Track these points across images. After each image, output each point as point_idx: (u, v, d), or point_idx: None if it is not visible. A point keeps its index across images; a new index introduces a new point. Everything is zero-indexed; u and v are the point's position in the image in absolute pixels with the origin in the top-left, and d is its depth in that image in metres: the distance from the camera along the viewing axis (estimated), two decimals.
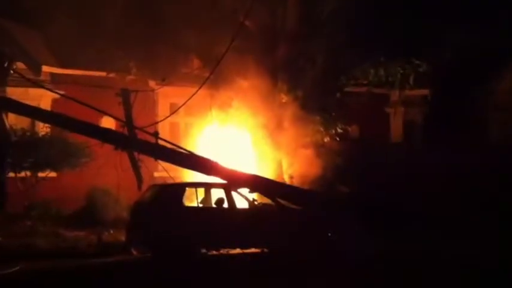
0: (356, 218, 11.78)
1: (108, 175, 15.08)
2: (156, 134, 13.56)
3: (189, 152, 13.35)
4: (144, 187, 13.47)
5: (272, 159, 16.26)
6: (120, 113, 13.96)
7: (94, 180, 15.94)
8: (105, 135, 13.18)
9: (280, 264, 11.24)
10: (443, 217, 11.94)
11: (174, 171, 14.80)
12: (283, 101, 16.61)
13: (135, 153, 13.64)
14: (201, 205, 12.75)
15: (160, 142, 13.50)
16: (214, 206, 12.69)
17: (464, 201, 12.58)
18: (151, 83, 17.67)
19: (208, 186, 13.02)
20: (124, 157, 13.68)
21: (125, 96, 14.04)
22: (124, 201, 15.46)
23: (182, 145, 14.03)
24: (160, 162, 14.13)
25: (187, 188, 12.78)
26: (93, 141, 13.76)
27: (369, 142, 18.34)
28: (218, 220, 12.29)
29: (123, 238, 13.19)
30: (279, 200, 12.77)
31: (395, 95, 20.19)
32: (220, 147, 15.99)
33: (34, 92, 15.98)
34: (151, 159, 13.82)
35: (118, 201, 15.65)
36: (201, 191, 13.01)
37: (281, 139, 16.23)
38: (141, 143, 13.25)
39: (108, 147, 13.38)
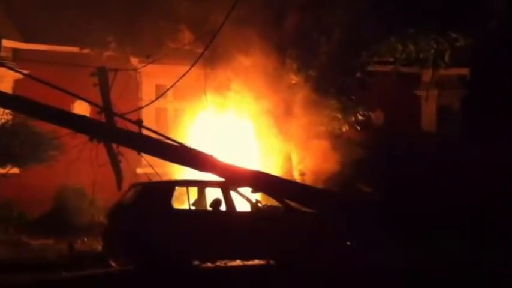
0: (381, 223, 11.58)
1: (82, 171, 14.85)
2: (139, 122, 13.36)
3: (179, 143, 13.04)
4: (125, 186, 13.26)
5: (279, 152, 15.99)
6: (97, 96, 13.73)
7: (64, 177, 15.68)
8: (77, 123, 12.88)
9: (289, 279, 11.03)
10: (486, 224, 12.06)
11: (161, 167, 14.45)
12: (293, 82, 16.33)
13: (114, 145, 13.47)
14: (193, 208, 12.52)
15: (145, 131, 13.27)
16: (209, 208, 12.48)
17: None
18: (134, 61, 17.34)
19: (202, 185, 12.84)
20: (101, 150, 13.41)
21: (102, 77, 13.81)
22: (100, 202, 15.35)
23: (171, 135, 13.73)
24: (145, 156, 13.85)
25: (176, 188, 12.58)
26: (63, 131, 13.46)
27: (396, 131, 17.96)
28: (214, 226, 12.06)
29: (99, 247, 13.02)
30: (288, 201, 12.50)
31: (427, 75, 19.79)
32: (217, 138, 15.75)
33: None
34: (134, 153, 13.53)
35: (93, 203, 15.48)
36: (193, 191, 12.78)
37: (290, 128, 15.99)
38: (121, 133, 12.99)
39: (82, 138, 13.10)
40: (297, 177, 15.80)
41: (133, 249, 11.68)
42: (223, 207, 12.39)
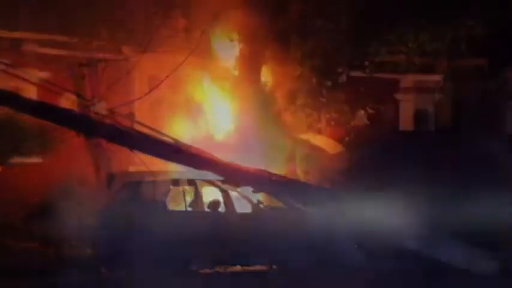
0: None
1: (73, 169, 14.78)
2: (131, 117, 13.47)
3: (174, 139, 12.94)
4: (118, 185, 13.16)
5: (282, 148, 15.94)
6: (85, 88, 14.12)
7: (52, 175, 15.53)
8: (61, 117, 12.55)
9: (293, 285, 11.17)
10: None
11: (156, 165, 14.03)
12: (297, 72, 16.33)
13: (104, 143, 13.61)
14: (190, 209, 12.60)
15: (139, 127, 13.10)
16: (207, 210, 12.60)
17: None
18: (125, 50, 17.37)
19: (199, 185, 12.79)
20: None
21: (91, 67, 14.14)
22: (91, 202, 14.90)
23: (165, 131, 13.57)
24: (139, 153, 13.37)
25: (171, 187, 12.66)
26: (51, 126, 13.47)
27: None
28: (212, 228, 12.11)
29: (89, 251, 13.07)
30: (292, 202, 12.58)
31: (441, 65, 20.27)
32: (215, 133, 15.98)
33: None
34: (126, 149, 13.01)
35: (82, 203, 15.00)
36: (190, 191, 12.88)
37: (294, 122, 16.17)
38: (109, 128, 12.75)
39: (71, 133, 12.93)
40: (301, 175, 15.67)
41: (124, 253, 11.65)
42: (221, 209, 12.48)
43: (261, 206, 12.92)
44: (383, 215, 11.96)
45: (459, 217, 12.62)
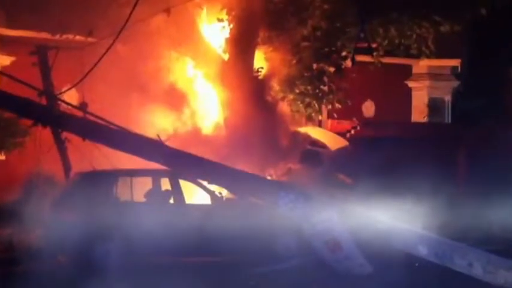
0: None
1: (40, 167, 15.08)
2: (83, 107, 13.81)
3: (123, 128, 13.23)
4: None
5: (278, 143, 16.15)
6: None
7: (16, 174, 15.86)
8: (17, 106, 13.01)
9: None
10: None
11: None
12: (296, 57, 16.76)
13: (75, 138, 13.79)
14: (144, 200, 13.27)
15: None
16: (157, 201, 13.21)
17: None
18: (79, 38, 17.45)
19: (154, 175, 13.42)
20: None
21: (42, 56, 14.31)
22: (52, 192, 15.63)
23: (122, 119, 13.81)
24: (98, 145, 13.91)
25: (120, 178, 13.33)
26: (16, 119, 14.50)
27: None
28: (161, 220, 12.44)
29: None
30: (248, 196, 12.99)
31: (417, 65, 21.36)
32: (202, 126, 16.24)
33: None
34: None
35: (44, 193, 15.41)
36: (143, 182, 13.49)
37: (292, 114, 16.85)
38: (62, 117, 13.28)
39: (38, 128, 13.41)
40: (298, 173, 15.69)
41: (75, 243, 12.14)
42: (172, 200, 13.12)
43: (218, 195, 13.35)
44: (392, 219, 11.98)
45: (481, 222, 12.97)
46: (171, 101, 16.55)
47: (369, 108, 21.24)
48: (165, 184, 13.41)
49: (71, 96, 15.12)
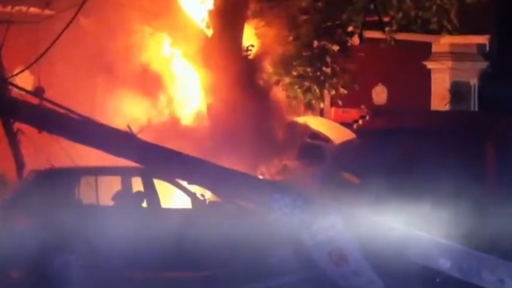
0: None
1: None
2: (39, 92, 13.91)
3: (85, 117, 13.04)
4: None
5: (272, 135, 16.15)
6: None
7: None
8: None
9: None
10: None
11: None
12: (293, 33, 17.00)
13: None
14: (112, 203, 13.24)
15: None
16: (127, 204, 13.21)
17: None
18: (33, 10, 17.53)
19: (123, 174, 13.41)
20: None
21: None
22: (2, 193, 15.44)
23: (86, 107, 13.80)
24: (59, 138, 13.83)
25: (83, 177, 13.40)
26: None
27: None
28: (132, 227, 12.42)
29: None
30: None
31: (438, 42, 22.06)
32: (181, 115, 16.16)
33: None
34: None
35: None
36: (110, 182, 13.53)
37: (288, 101, 17.20)
38: (14, 105, 13.22)
39: None
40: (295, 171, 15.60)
41: (31, 255, 12.15)
42: (144, 203, 13.14)
43: (201, 197, 13.36)
44: (408, 226, 11.90)
45: None
46: (144, 86, 16.48)
47: (380, 94, 21.84)
48: (137, 184, 13.34)
49: (24, 80, 15.09)
